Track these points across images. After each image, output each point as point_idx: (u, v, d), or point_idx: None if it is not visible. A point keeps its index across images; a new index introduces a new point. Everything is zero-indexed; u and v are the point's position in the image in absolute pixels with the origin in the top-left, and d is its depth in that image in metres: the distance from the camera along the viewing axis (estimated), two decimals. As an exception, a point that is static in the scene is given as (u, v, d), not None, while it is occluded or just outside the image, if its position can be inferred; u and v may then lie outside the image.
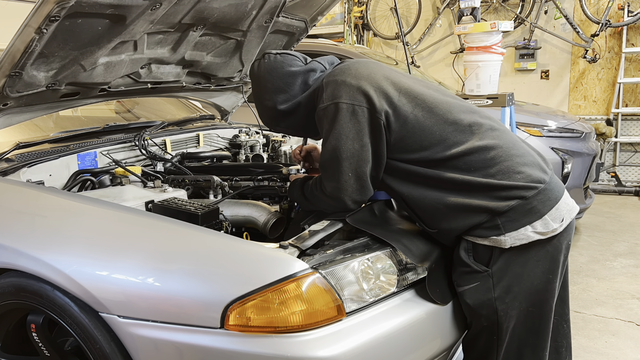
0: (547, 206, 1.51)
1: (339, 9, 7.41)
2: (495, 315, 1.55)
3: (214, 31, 2.24)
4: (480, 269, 1.54)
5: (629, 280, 3.50)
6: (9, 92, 1.79)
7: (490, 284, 1.54)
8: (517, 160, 1.54)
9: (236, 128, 3.03)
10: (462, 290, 1.57)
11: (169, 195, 1.92)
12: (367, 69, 1.65)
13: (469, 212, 1.51)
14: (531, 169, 1.54)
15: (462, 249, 1.57)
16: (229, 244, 1.46)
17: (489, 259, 1.54)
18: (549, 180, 1.55)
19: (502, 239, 1.50)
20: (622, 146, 6.12)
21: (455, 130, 1.57)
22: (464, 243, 1.57)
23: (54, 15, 1.57)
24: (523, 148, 1.61)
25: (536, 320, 1.58)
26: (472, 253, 1.56)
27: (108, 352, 1.46)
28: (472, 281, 1.56)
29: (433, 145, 1.56)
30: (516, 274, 1.53)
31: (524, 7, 6.32)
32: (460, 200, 1.52)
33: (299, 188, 1.80)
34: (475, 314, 1.57)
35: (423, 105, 1.60)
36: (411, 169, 1.58)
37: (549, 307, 1.59)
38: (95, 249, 1.51)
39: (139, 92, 2.46)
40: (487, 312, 1.55)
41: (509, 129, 1.68)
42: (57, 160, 2.10)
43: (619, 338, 2.77)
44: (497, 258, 1.53)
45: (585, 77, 6.26)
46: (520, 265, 1.53)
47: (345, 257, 1.51)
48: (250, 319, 1.34)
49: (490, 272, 1.54)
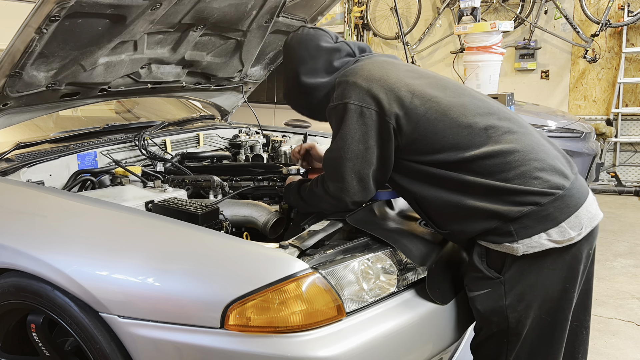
0: (565, 213, 1.45)
1: (339, 9, 7.41)
2: (506, 322, 1.52)
3: (214, 31, 2.24)
4: (492, 276, 1.51)
5: (629, 280, 3.50)
6: (9, 92, 1.79)
7: (502, 292, 1.51)
8: (534, 165, 1.48)
9: (236, 128, 3.03)
10: (474, 295, 1.55)
11: (169, 195, 1.92)
12: (380, 70, 1.63)
13: (480, 215, 1.47)
14: (549, 175, 1.47)
15: (475, 253, 1.54)
16: (229, 244, 1.46)
17: (502, 266, 1.50)
18: (570, 187, 1.48)
19: (515, 246, 1.45)
20: (622, 146, 6.12)
21: (470, 134, 1.52)
22: (477, 248, 1.54)
23: (54, 15, 1.57)
24: (543, 152, 1.53)
25: (549, 329, 1.55)
26: (485, 258, 1.53)
27: (108, 352, 1.46)
28: (484, 287, 1.53)
29: (446, 149, 1.52)
30: (530, 283, 1.49)
31: (524, 7, 6.32)
32: (473, 203, 1.48)
33: (296, 191, 1.79)
34: (486, 320, 1.55)
35: (436, 108, 1.55)
36: (424, 170, 1.56)
37: (563, 316, 1.54)
38: (95, 249, 1.51)
39: (139, 92, 2.46)
40: (498, 319, 1.53)
41: (532, 130, 1.60)
42: (57, 160, 2.10)
43: (619, 338, 2.77)
44: (510, 265, 1.49)
45: (585, 77, 6.26)
46: (534, 274, 1.49)
47: (345, 257, 1.51)
48: (250, 319, 1.34)
49: (503, 279, 1.50)
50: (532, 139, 1.55)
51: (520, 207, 1.44)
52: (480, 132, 1.52)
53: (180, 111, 3.27)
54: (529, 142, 1.53)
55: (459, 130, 1.53)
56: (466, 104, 1.59)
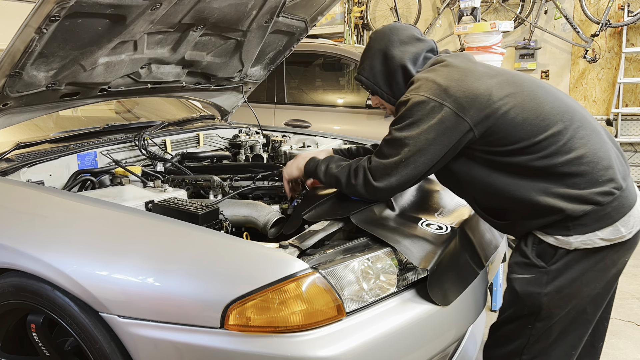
0: (620, 213, 1.51)
1: (339, 9, 7.41)
2: (539, 308, 1.57)
3: (214, 31, 2.24)
4: (538, 264, 1.57)
5: (629, 280, 3.50)
6: (9, 92, 1.79)
7: (544, 280, 1.56)
8: (602, 164, 1.52)
9: (236, 128, 3.03)
10: (515, 277, 1.61)
11: (169, 195, 1.92)
12: (459, 71, 1.63)
13: (545, 211, 1.51)
14: (612, 175, 1.52)
15: (528, 240, 1.60)
16: (229, 244, 1.46)
17: (550, 258, 1.55)
18: (625, 187, 1.54)
19: (570, 240, 1.51)
20: (622, 146, 6.12)
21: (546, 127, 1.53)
22: (531, 236, 1.59)
23: (54, 15, 1.57)
24: (608, 151, 1.57)
25: (575, 325, 1.60)
26: (535, 247, 1.58)
27: (108, 352, 1.46)
28: (528, 272, 1.58)
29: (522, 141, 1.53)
30: (571, 278, 1.54)
31: (524, 7, 6.32)
32: (541, 197, 1.51)
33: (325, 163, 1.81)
34: (520, 301, 1.60)
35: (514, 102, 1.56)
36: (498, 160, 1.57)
37: (588, 315, 1.60)
38: (95, 248, 1.51)
39: (139, 92, 2.46)
40: (532, 304, 1.58)
41: (598, 128, 1.61)
42: (57, 160, 2.10)
43: (619, 338, 2.77)
44: (559, 258, 1.54)
45: (585, 77, 6.26)
46: (578, 271, 1.54)
47: (345, 257, 1.51)
48: (250, 319, 1.34)
49: (548, 269, 1.56)
50: (600, 138, 1.58)
51: (583, 206, 1.49)
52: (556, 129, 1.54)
53: (180, 111, 3.28)
54: (597, 141, 1.57)
55: (536, 123, 1.54)
56: (539, 103, 1.58)
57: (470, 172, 1.63)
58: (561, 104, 1.60)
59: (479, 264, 1.81)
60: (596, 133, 1.59)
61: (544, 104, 1.58)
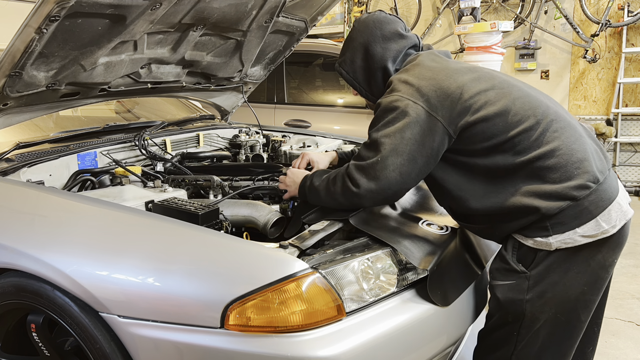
0: (600, 207, 1.47)
1: (339, 9, 7.41)
2: (522, 315, 1.55)
3: (214, 31, 2.24)
4: (519, 270, 1.54)
5: (629, 280, 3.50)
6: (9, 92, 1.79)
7: (525, 286, 1.53)
8: (577, 155, 1.50)
9: (236, 128, 3.03)
10: (496, 284, 1.59)
11: (169, 195, 1.92)
12: (431, 69, 1.63)
13: (520, 212, 1.49)
14: (587, 168, 1.49)
15: (508, 245, 1.58)
16: (229, 244, 1.46)
17: (531, 262, 1.53)
18: (603, 180, 1.50)
19: (549, 241, 1.48)
20: (622, 146, 6.12)
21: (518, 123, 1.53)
22: (511, 241, 1.57)
23: (54, 15, 1.57)
24: (584, 143, 1.54)
25: (562, 328, 1.56)
26: (516, 252, 1.56)
27: (108, 352, 1.46)
28: (508, 279, 1.56)
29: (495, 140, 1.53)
30: (553, 282, 1.52)
31: (524, 7, 6.32)
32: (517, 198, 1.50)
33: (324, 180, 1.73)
34: (502, 309, 1.58)
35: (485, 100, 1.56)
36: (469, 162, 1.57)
37: (578, 318, 1.56)
38: (96, 248, 1.51)
39: (139, 92, 2.46)
40: (515, 310, 1.56)
41: (573, 122, 1.60)
42: (57, 160, 2.10)
43: (619, 338, 2.77)
44: (539, 262, 1.52)
45: (585, 77, 6.26)
46: (559, 274, 1.51)
47: (345, 257, 1.51)
48: (250, 319, 1.34)
49: (529, 274, 1.53)
50: (575, 131, 1.56)
51: (559, 203, 1.46)
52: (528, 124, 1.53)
53: (180, 111, 3.28)
54: (571, 134, 1.55)
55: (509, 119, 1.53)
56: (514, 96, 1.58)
57: (444, 177, 1.62)
58: (533, 100, 1.59)
59: (479, 265, 1.81)
60: (571, 127, 1.57)
61: (517, 99, 1.57)
